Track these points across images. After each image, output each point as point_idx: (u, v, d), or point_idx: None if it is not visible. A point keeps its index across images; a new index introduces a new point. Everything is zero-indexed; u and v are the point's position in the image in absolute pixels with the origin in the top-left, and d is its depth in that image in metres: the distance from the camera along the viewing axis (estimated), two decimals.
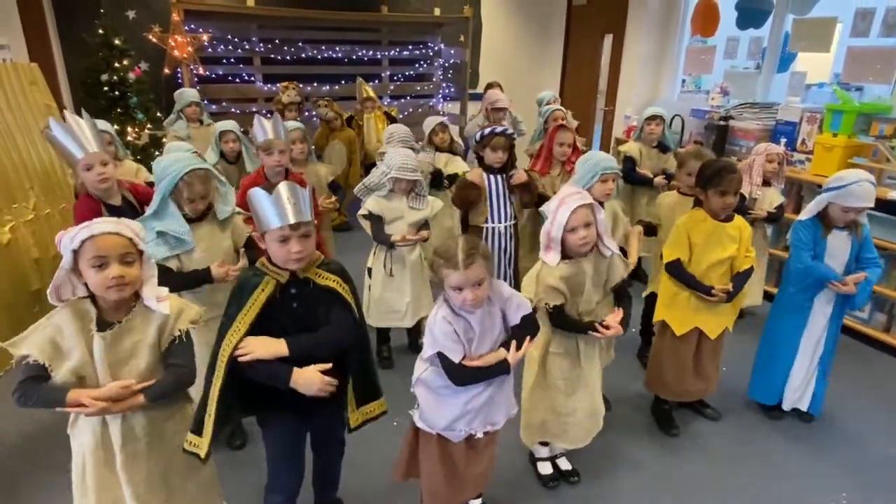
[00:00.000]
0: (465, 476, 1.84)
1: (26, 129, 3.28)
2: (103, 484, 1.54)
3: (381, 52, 6.08)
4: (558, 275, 1.94)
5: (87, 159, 2.24)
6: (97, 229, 1.40)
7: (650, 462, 2.48)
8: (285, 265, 1.57)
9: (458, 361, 1.64)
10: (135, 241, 1.45)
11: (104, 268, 1.40)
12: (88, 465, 1.53)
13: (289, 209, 1.50)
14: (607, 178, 2.49)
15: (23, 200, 3.18)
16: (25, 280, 3.13)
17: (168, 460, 1.61)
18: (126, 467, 1.52)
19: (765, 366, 2.73)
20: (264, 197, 1.51)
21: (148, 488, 1.57)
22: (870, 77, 3.95)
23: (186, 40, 4.82)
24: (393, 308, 2.96)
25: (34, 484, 2.28)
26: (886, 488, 2.36)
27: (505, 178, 2.98)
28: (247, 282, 1.58)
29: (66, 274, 1.42)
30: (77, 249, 1.39)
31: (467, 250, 1.58)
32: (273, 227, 1.51)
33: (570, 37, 6.74)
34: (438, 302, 1.71)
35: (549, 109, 3.99)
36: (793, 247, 2.51)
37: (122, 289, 1.42)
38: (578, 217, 1.88)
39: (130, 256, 1.44)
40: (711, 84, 5.31)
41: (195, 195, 2.07)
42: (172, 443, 1.61)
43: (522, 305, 1.74)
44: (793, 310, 2.59)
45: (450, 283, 1.60)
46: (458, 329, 1.64)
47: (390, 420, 2.58)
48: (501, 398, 1.80)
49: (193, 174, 2.05)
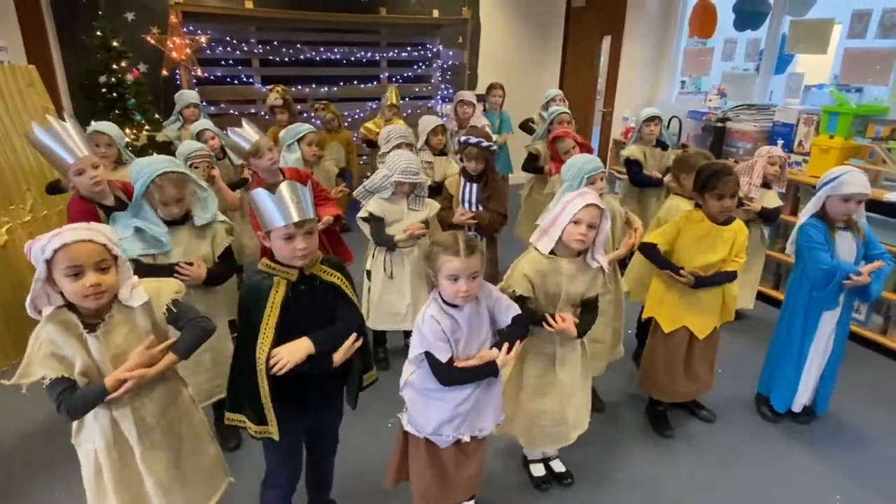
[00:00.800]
0: (455, 479, 1.83)
1: (23, 130, 3.29)
2: (123, 484, 1.54)
3: (379, 53, 6.09)
4: (535, 267, 1.93)
5: (78, 164, 2.24)
6: (69, 237, 1.34)
7: (644, 464, 2.47)
8: (291, 262, 1.59)
9: (444, 361, 1.65)
10: (108, 246, 1.41)
11: (80, 277, 1.36)
12: (105, 467, 1.52)
13: (292, 208, 1.53)
14: (595, 179, 2.47)
15: (20, 202, 3.20)
16: (23, 282, 3.13)
17: (178, 445, 1.63)
18: (145, 459, 1.53)
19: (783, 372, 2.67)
20: (267, 197, 1.54)
21: (169, 476, 1.58)
22: (868, 78, 3.95)
23: (185, 42, 4.83)
24: (393, 310, 2.95)
25: (30, 484, 2.28)
26: (884, 489, 2.36)
27: (479, 188, 3.02)
28: (258, 286, 1.60)
29: (42, 286, 1.37)
30: (50, 259, 1.34)
31: (467, 241, 1.62)
32: (278, 226, 1.54)
33: (569, 38, 6.75)
34: (428, 300, 1.72)
35: (554, 111, 3.96)
36: (807, 249, 2.43)
37: (100, 297, 1.40)
38: (589, 213, 1.87)
39: (105, 263, 1.40)
40: (710, 86, 5.31)
41: (167, 198, 2.04)
42: (178, 428, 1.63)
43: (512, 307, 1.75)
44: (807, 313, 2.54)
45: (447, 271, 1.61)
46: (445, 327, 1.64)
47: (384, 422, 2.61)
48: (489, 403, 1.80)
49: (165, 177, 2.02)
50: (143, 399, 1.52)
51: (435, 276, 1.66)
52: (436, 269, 1.64)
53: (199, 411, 1.73)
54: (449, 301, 1.67)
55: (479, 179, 3.01)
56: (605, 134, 6.33)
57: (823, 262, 2.38)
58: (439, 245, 1.63)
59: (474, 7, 6.41)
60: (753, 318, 3.78)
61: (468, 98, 4.57)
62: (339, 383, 1.81)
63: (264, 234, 1.61)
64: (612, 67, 6.08)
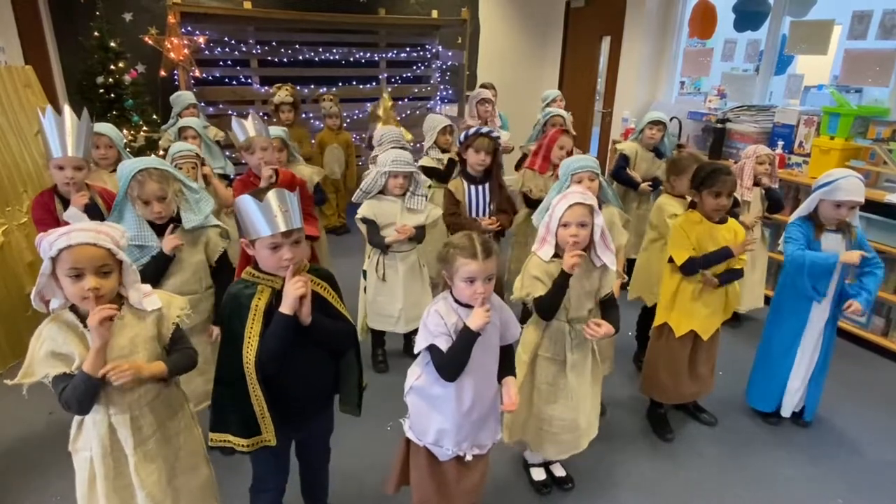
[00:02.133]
0: (456, 491, 1.81)
1: (20, 131, 3.27)
2: (115, 494, 1.52)
3: (378, 54, 6.07)
4: (543, 269, 1.94)
5: (61, 160, 2.24)
6: (75, 239, 1.36)
7: (645, 467, 2.46)
8: (276, 272, 1.55)
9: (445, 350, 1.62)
10: (113, 251, 1.42)
11: (80, 279, 1.38)
12: (99, 476, 1.51)
13: (279, 217, 1.48)
14: (581, 178, 2.45)
15: (16, 203, 3.17)
16: (19, 284, 3.12)
17: (174, 461, 1.62)
18: (139, 470, 1.52)
19: (763, 372, 2.71)
20: (253, 204, 1.49)
21: (160, 490, 1.56)
22: (868, 79, 3.94)
23: (183, 43, 4.81)
24: (384, 312, 2.94)
25: (26, 489, 2.26)
26: (884, 492, 2.35)
27: (486, 189, 2.94)
28: (239, 294, 1.56)
29: (47, 279, 1.41)
30: (55, 257, 1.37)
31: (484, 244, 1.60)
32: (264, 235, 1.50)
33: (568, 39, 6.73)
34: (436, 299, 1.70)
35: (550, 112, 3.97)
36: (784, 244, 2.50)
37: (98, 300, 1.40)
38: (574, 213, 1.87)
39: (108, 268, 1.41)
40: (709, 87, 5.30)
41: (149, 195, 1.98)
42: (176, 443, 1.62)
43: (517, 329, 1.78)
44: (790, 314, 2.57)
45: (465, 274, 1.58)
46: (449, 324, 1.62)
47: (382, 425, 2.60)
48: (489, 417, 1.79)
49: (146, 172, 1.97)
50: (142, 408, 1.51)
51: (450, 278, 1.64)
52: (452, 271, 1.62)
53: (198, 429, 1.71)
54: (464, 302, 1.65)
55: (483, 181, 2.95)
56: (605, 135, 6.32)
57: (787, 252, 2.44)
58: (456, 247, 1.61)
59: (473, 8, 6.40)
60: (753, 320, 3.77)
61: (488, 96, 4.51)
62: (326, 398, 1.79)
63: (248, 242, 1.56)
64: (612, 68, 6.06)
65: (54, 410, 1.56)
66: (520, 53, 6.85)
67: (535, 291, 1.94)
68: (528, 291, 1.95)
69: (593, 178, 2.48)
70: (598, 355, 2.14)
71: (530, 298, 1.95)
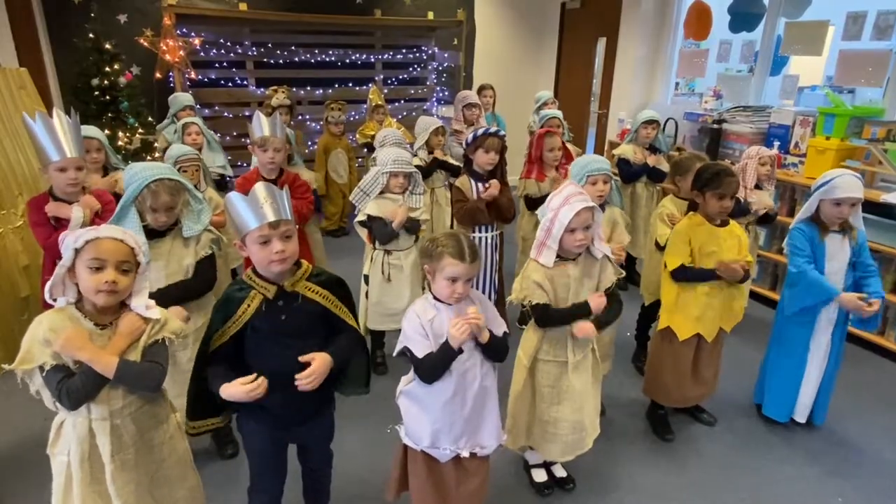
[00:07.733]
0: (455, 495, 1.80)
1: (15, 134, 3.24)
2: (90, 500, 1.50)
3: (374, 55, 6.07)
4: (543, 273, 1.93)
5: (63, 163, 2.24)
6: (104, 233, 1.43)
7: (646, 468, 2.46)
8: (269, 268, 1.53)
9: (420, 356, 1.63)
10: (136, 251, 1.47)
11: (100, 271, 1.41)
12: (76, 480, 1.49)
13: (266, 207, 1.47)
14: (596, 180, 2.47)
15: (11, 207, 3.15)
16: (14, 287, 3.09)
17: (155, 470, 1.59)
18: (115, 478, 1.49)
19: (776, 382, 2.66)
20: (240, 199, 1.48)
21: (137, 500, 1.54)
22: (861, 80, 3.97)
23: (178, 44, 4.80)
24: (390, 311, 2.94)
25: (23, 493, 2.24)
26: (883, 492, 2.35)
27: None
28: (232, 295, 1.56)
29: (64, 273, 1.42)
30: (79, 248, 1.40)
31: (472, 247, 1.62)
32: (252, 229, 1.48)
33: (564, 40, 6.75)
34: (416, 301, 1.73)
35: (546, 115, 3.99)
36: (789, 252, 2.48)
37: (112, 295, 1.43)
38: (581, 219, 1.86)
39: (127, 265, 1.45)
40: (704, 87, 5.32)
41: (159, 206, 1.99)
42: (160, 453, 1.59)
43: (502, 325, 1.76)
44: (798, 322, 2.54)
45: (448, 273, 1.60)
46: (425, 322, 1.64)
47: (383, 428, 2.59)
48: (488, 418, 1.77)
49: (161, 183, 1.98)
50: (124, 417, 1.49)
51: (432, 273, 1.65)
52: (435, 267, 1.63)
53: (184, 440, 1.69)
54: (442, 300, 1.66)
55: (488, 179, 2.93)
56: (601, 136, 6.33)
57: (795, 264, 2.45)
58: (443, 246, 1.60)
59: (469, 9, 6.40)
60: (751, 319, 3.77)
61: (474, 100, 4.55)
62: (322, 405, 1.76)
63: (241, 243, 1.55)
64: (607, 69, 6.08)
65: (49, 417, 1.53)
66: (516, 54, 6.86)
67: (535, 298, 1.93)
68: (527, 295, 1.94)
69: (607, 180, 2.51)
70: (597, 354, 2.14)
71: (528, 302, 1.95)
